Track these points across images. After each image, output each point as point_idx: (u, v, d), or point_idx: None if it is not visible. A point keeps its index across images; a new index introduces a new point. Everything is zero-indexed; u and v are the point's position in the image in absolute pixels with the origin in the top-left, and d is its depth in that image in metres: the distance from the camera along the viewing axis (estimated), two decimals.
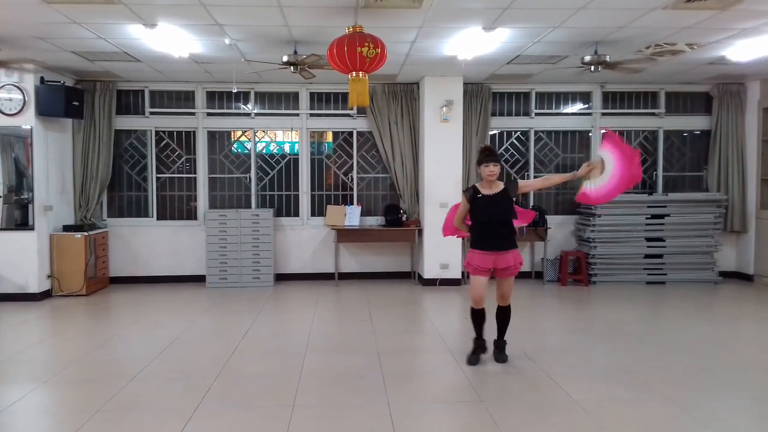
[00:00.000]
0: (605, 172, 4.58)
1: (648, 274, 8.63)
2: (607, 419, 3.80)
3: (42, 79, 7.55)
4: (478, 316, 4.98)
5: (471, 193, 4.85)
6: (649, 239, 8.60)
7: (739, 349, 5.58)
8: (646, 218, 8.59)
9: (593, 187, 4.64)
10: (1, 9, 5.29)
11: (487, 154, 4.78)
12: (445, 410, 4.04)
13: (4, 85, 7.40)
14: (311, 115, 8.98)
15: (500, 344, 5.09)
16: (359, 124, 9.01)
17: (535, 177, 9.06)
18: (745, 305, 7.63)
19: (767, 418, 3.89)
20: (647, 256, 8.61)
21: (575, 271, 8.74)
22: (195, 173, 8.92)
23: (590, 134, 9.17)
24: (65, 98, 7.57)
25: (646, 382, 4.49)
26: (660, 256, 8.61)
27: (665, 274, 8.62)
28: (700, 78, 8.60)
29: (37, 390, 4.42)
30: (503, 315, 5.05)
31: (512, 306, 5.06)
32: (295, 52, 6.40)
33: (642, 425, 3.74)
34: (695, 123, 9.22)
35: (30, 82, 7.48)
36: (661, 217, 8.60)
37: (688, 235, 8.61)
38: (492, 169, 4.75)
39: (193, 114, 8.86)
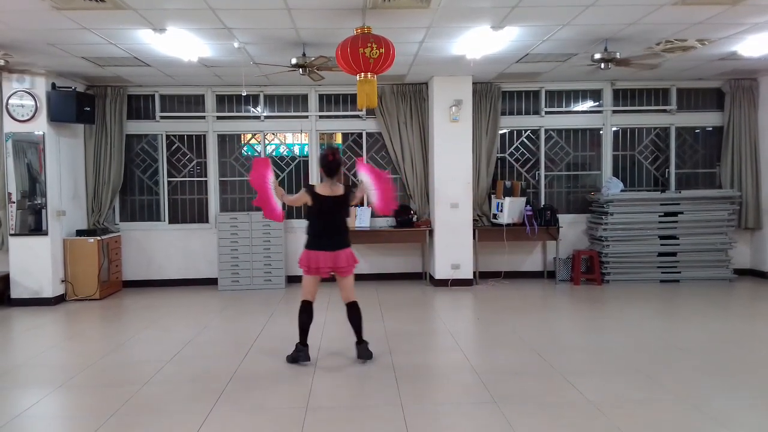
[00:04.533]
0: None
1: (662, 273, 8.55)
2: (622, 420, 3.77)
3: (53, 85, 7.62)
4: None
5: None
6: (662, 237, 8.53)
7: (755, 347, 5.51)
8: (660, 216, 8.51)
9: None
10: (13, 16, 5.34)
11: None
12: (459, 411, 4.02)
13: (16, 92, 7.47)
14: (320, 116, 8.98)
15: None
16: (368, 125, 9.01)
17: (545, 176, 9.06)
18: (760, 303, 7.54)
19: None
20: (661, 254, 8.54)
21: (588, 270, 8.69)
22: (206, 176, 8.96)
23: (601, 132, 9.12)
24: (76, 104, 7.63)
25: (661, 382, 4.45)
26: (674, 254, 8.54)
27: (679, 272, 8.54)
28: (712, 74, 8.52)
29: (52, 394, 4.45)
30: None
31: (526, 306, 5.02)
32: (304, 55, 6.41)
33: (657, 425, 3.70)
34: (707, 119, 9.13)
35: (41, 88, 7.55)
36: (675, 214, 8.52)
37: (702, 232, 8.53)
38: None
39: (203, 118, 8.90)
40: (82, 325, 6.83)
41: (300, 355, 5.02)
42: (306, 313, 5.09)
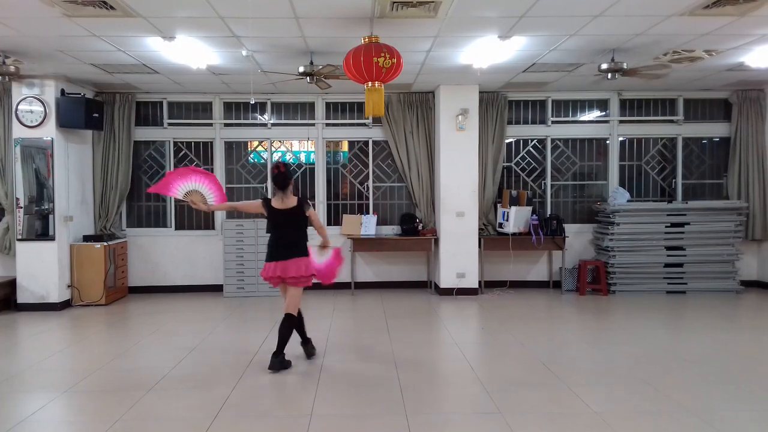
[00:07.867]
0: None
1: (668, 284, 8.52)
2: (627, 431, 3.75)
3: (63, 92, 7.68)
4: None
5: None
6: (669, 248, 8.50)
7: (762, 359, 5.47)
8: (666, 226, 8.49)
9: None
10: (23, 23, 5.39)
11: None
12: (463, 421, 4.01)
13: (25, 98, 7.53)
14: (327, 124, 9.01)
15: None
16: (375, 134, 9.03)
17: (551, 185, 9.04)
18: (767, 315, 7.48)
19: None
20: (667, 265, 8.51)
21: (594, 280, 8.66)
22: None
23: (608, 142, 9.11)
24: (85, 110, 7.69)
25: (667, 393, 4.43)
26: (680, 264, 8.50)
27: (686, 284, 8.50)
28: (719, 85, 8.51)
29: (58, 399, 4.46)
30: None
31: (532, 316, 5.00)
32: (312, 63, 6.45)
33: None
34: (714, 130, 9.12)
35: (51, 94, 7.61)
36: (681, 225, 8.50)
37: (709, 243, 8.50)
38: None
39: (210, 125, 8.94)
40: (87, 330, 6.84)
41: (282, 362, 5.10)
42: (294, 322, 5.28)
